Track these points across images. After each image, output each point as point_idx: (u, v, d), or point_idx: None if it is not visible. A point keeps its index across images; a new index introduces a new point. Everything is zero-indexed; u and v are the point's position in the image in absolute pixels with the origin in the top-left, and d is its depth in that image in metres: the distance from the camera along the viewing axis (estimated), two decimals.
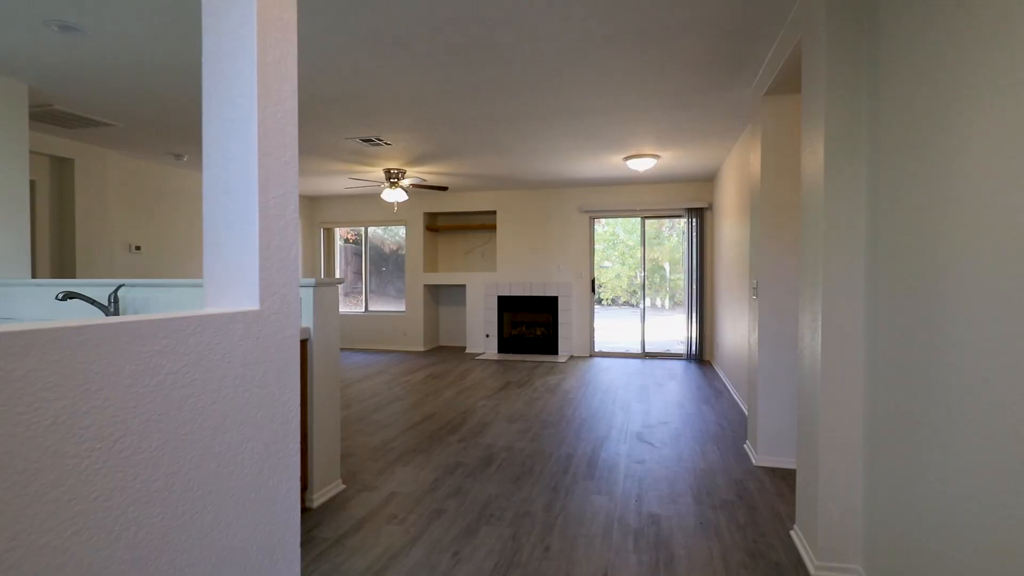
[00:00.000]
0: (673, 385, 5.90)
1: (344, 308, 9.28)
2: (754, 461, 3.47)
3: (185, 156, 5.89)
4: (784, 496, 2.98)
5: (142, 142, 5.31)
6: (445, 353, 8.31)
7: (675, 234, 14.52)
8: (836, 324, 2.16)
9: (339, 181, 7.36)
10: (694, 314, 7.55)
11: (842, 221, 2.14)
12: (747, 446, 3.73)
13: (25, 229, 3.81)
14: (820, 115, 2.21)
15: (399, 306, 9.10)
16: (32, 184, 5.12)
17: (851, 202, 2.13)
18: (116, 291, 3.00)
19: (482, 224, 8.58)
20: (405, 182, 6.63)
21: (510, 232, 8.28)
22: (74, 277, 5.28)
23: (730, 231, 5.81)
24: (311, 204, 9.08)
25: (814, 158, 2.29)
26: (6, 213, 3.70)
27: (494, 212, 8.47)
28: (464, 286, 8.86)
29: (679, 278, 15.01)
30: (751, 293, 3.69)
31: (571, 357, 7.87)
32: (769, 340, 3.43)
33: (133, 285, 3.09)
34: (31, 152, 4.96)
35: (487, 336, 8.34)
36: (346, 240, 9.74)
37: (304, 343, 2.84)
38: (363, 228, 9.18)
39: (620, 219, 9.51)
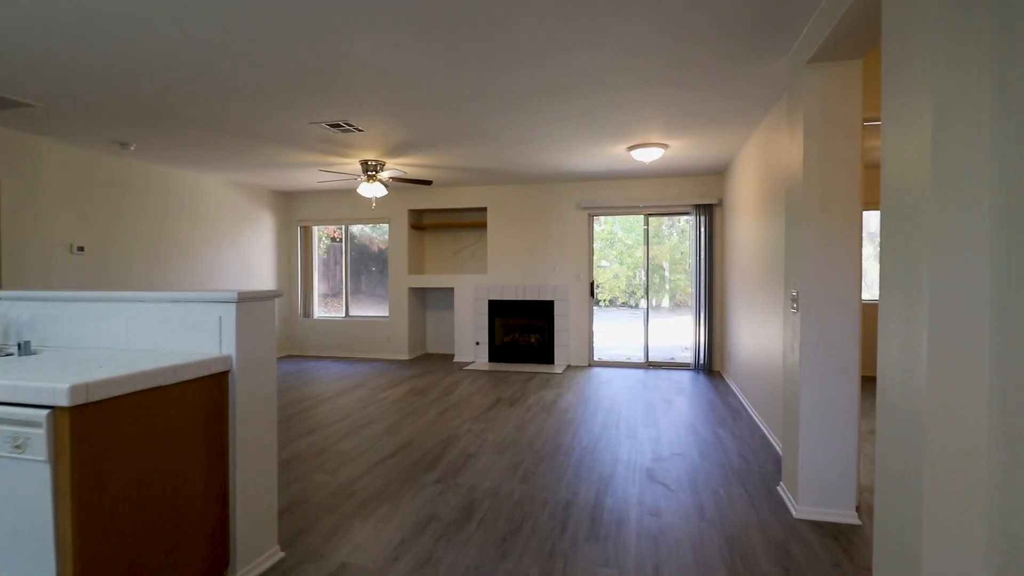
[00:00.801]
0: (682, 402, 5.26)
1: (323, 313, 8.62)
2: (794, 512, 2.83)
3: (132, 144, 5.21)
4: (842, 567, 2.34)
5: (78, 128, 4.63)
6: (432, 362, 7.66)
7: (675, 232, 13.92)
8: (949, 350, 1.52)
9: (314, 175, 6.68)
10: (702, 320, 6.92)
11: (959, 214, 1.50)
12: (782, 489, 3.10)
13: None
14: (921, 76, 1.56)
15: (387, 310, 8.44)
16: None
17: (971, 187, 1.49)
18: None
19: (472, 222, 7.92)
20: (385, 174, 5.97)
21: (502, 230, 7.63)
22: None
23: (747, 230, 5.18)
24: (287, 200, 8.40)
25: (911, 133, 1.64)
26: None
27: (485, 209, 7.82)
28: (452, 289, 8.21)
29: (679, 278, 14.44)
30: (789, 304, 3.04)
31: (568, 367, 7.23)
32: (816, 362, 2.79)
33: (13, 299, 2.43)
34: None
35: (477, 344, 7.69)
36: (333, 239, 9.09)
37: (224, 377, 2.18)
38: (344, 226, 8.51)
39: (621, 216, 8.89)
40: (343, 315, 8.49)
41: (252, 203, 7.68)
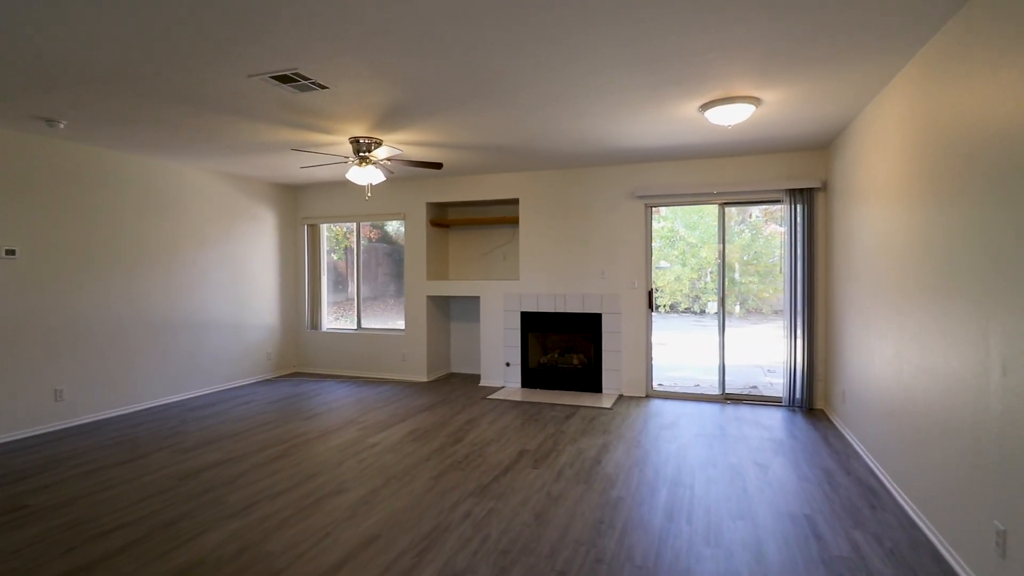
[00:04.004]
0: (783, 468, 3.68)
1: (334, 325, 7.47)
2: None
3: (62, 122, 4.15)
4: None
5: None
6: (453, 386, 6.34)
7: (746, 228, 12.13)
8: None
9: (306, 158, 5.49)
10: (798, 338, 5.25)
11: None
12: None
13: None
14: None
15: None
16: None
17: None
18: None
19: (503, 217, 6.55)
20: (380, 152, 4.68)
21: (537, 227, 6.21)
22: None
23: (883, 220, 3.53)
24: (291, 195, 7.30)
25: None
26: None
27: (517, 201, 6.42)
28: (477, 298, 6.88)
29: (751, 281, 12.61)
30: None
31: (620, 398, 5.73)
32: None
33: None
34: None
35: (508, 365, 6.30)
36: (369, 240, 7.93)
37: None
38: (355, 224, 7.32)
39: (687, 208, 7.28)
40: (355, 327, 7.30)
41: (248, 198, 6.61)
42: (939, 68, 2.65)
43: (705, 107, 3.77)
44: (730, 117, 3.76)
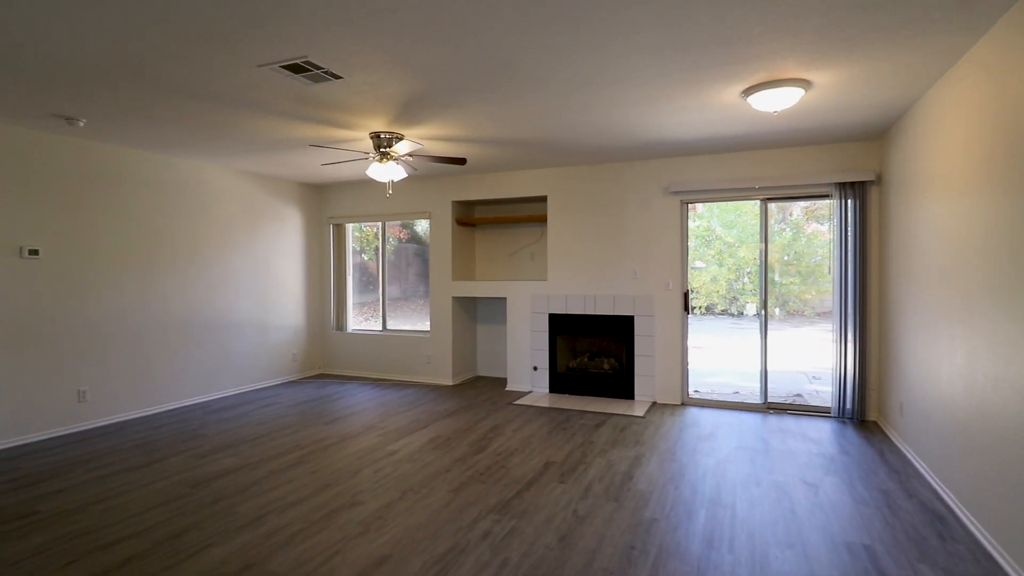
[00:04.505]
0: (835, 487, 3.34)
1: (362, 326, 7.36)
2: None
3: (82, 120, 4.10)
4: None
5: (5, 98, 3.54)
6: (478, 390, 6.13)
7: (787, 227, 11.62)
8: None
9: (326, 155, 5.36)
10: (848, 344, 4.86)
11: None
12: None
13: None
14: None
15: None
16: None
17: None
18: None
19: (531, 215, 6.32)
20: (402, 147, 4.50)
21: (565, 226, 5.95)
22: None
23: (954, 215, 3.16)
24: (317, 194, 7.21)
25: None
26: None
27: (545, 199, 6.18)
28: (504, 299, 6.66)
29: (792, 282, 12.07)
30: None
31: (653, 405, 5.43)
32: None
33: None
34: None
35: (535, 369, 6.07)
36: (399, 240, 7.82)
37: None
38: (380, 223, 7.19)
39: (723, 206, 6.89)
40: (380, 328, 7.17)
41: (273, 197, 6.54)
42: (1016, 46, 2.30)
43: (748, 92, 3.46)
44: (776, 102, 3.44)
